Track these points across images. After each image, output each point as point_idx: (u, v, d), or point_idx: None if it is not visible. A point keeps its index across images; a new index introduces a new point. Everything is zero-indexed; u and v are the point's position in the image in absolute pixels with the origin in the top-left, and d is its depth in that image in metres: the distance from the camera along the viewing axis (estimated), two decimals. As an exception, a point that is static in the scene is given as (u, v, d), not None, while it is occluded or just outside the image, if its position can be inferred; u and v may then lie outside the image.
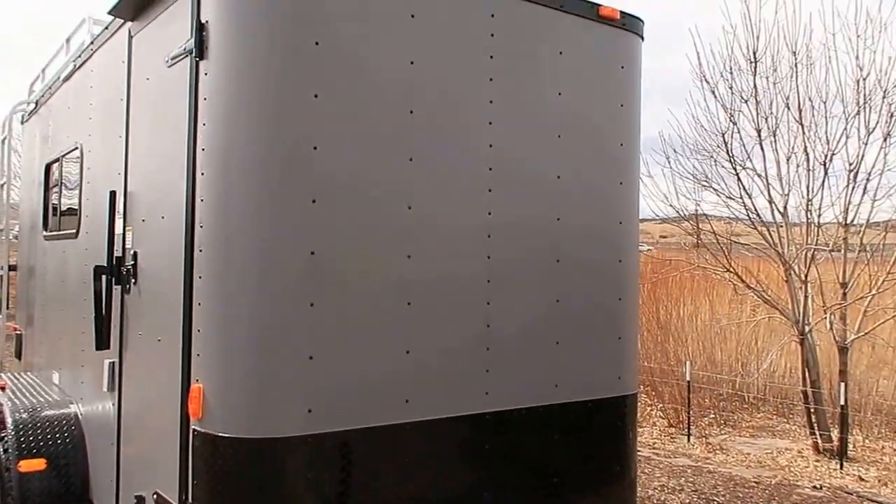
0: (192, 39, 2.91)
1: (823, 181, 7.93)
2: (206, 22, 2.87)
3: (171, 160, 3.11)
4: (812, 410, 7.92)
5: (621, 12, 3.75)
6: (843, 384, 7.55)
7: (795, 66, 7.98)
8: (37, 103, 6.00)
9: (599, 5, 3.67)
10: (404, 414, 3.01)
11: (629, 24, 3.80)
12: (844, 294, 7.88)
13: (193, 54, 2.90)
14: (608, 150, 3.74)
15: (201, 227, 2.86)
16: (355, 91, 2.92)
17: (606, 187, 3.73)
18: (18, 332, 6.33)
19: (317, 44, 2.83)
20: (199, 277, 2.86)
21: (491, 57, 3.31)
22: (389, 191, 3.00)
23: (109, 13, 3.70)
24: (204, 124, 2.86)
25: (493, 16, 3.33)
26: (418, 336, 3.06)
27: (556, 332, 3.49)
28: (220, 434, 2.73)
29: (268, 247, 2.77)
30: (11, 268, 6.60)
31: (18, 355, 6.24)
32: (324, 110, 2.84)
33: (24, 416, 4.26)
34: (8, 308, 6.63)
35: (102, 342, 3.65)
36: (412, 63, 3.08)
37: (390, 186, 3.01)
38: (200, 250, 2.86)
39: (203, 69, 2.88)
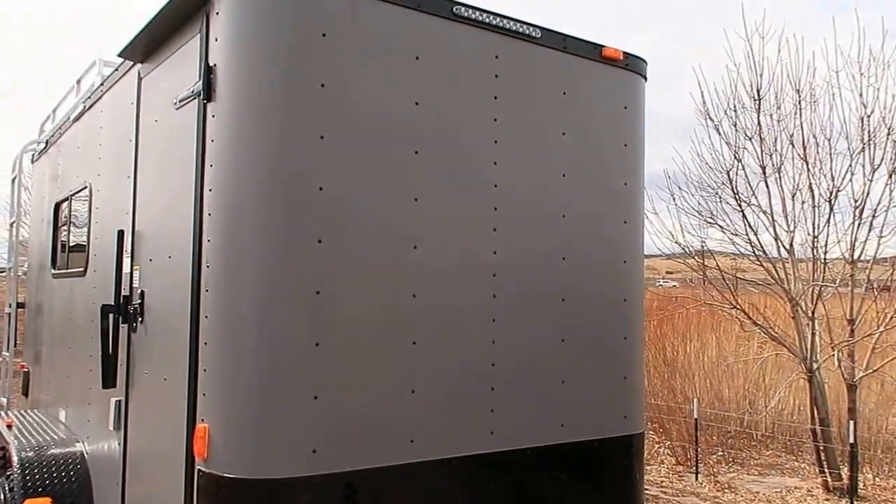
0: (201, 82, 2.96)
1: (829, 218, 7.93)
2: (214, 65, 2.93)
3: (178, 200, 3.15)
4: (821, 448, 7.83)
5: (624, 53, 3.80)
6: (851, 422, 7.46)
7: (799, 103, 8.03)
8: (47, 143, 6.08)
9: (603, 46, 3.73)
10: (409, 454, 3.00)
11: (632, 64, 3.86)
12: (852, 331, 7.83)
13: (201, 97, 2.96)
14: (612, 189, 3.77)
15: (207, 266, 2.88)
16: (361, 132, 2.96)
17: (611, 226, 3.75)
18: (26, 370, 6.33)
19: (322, 86, 2.88)
20: (205, 317, 2.87)
21: (495, 97, 3.36)
22: (394, 230, 3.03)
23: (119, 55, 3.76)
24: (211, 165, 2.90)
25: (497, 57, 3.38)
26: (423, 375, 3.06)
27: (561, 371, 3.48)
28: (225, 475, 2.72)
29: (273, 287, 2.78)
30: (19, 305, 6.62)
31: (25, 392, 6.24)
32: (329, 151, 2.87)
33: (30, 454, 4.26)
34: (16, 345, 6.64)
35: (109, 380, 3.66)
36: (417, 104, 3.12)
37: (395, 226, 3.03)
38: (206, 290, 2.88)
39: (211, 111, 2.93)
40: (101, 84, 4.58)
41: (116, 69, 4.28)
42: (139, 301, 3.54)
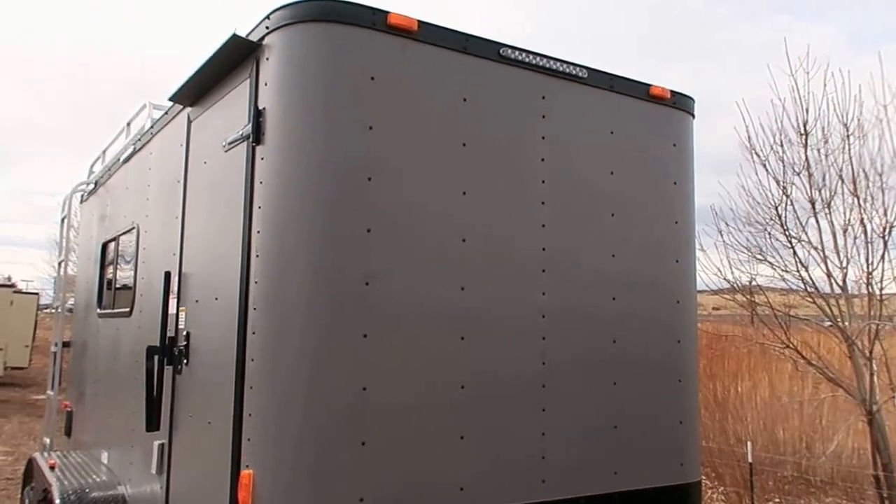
0: (250, 125, 2.97)
1: (883, 254, 7.68)
2: (264, 109, 2.94)
3: (226, 242, 3.14)
4: (885, 496, 7.47)
5: (672, 91, 3.74)
6: (916, 467, 7.13)
7: (847, 137, 7.84)
8: (96, 183, 6.19)
9: (650, 85, 3.67)
10: (459, 502, 2.90)
11: (680, 102, 3.79)
12: (913, 371, 7.52)
13: (251, 139, 2.96)
14: (663, 229, 3.68)
15: (255, 309, 2.85)
16: (408, 175, 2.94)
17: (662, 266, 3.65)
18: (69, 409, 6.37)
19: (370, 128, 2.86)
20: (252, 360, 2.83)
21: (543, 138, 3.31)
22: (442, 274, 2.98)
23: (170, 100, 3.81)
24: (259, 207, 2.89)
25: (543, 98, 3.34)
26: (472, 421, 2.98)
27: (614, 415, 3.37)
28: (270, 524, 2.66)
29: (321, 331, 2.74)
30: (65, 344, 6.68)
31: (68, 432, 6.26)
32: (377, 193, 2.85)
33: (72, 497, 4.25)
34: (60, 384, 6.69)
35: (152, 423, 3.63)
36: (464, 145, 3.09)
37: (443, 269, 2.99)
38: (253, 333, 2.85)
39: (259, 154, 2.93)
40: (151, 127, 4.64)
41: (166, 112, 4.34)
42: (185, 343, 3.52)
